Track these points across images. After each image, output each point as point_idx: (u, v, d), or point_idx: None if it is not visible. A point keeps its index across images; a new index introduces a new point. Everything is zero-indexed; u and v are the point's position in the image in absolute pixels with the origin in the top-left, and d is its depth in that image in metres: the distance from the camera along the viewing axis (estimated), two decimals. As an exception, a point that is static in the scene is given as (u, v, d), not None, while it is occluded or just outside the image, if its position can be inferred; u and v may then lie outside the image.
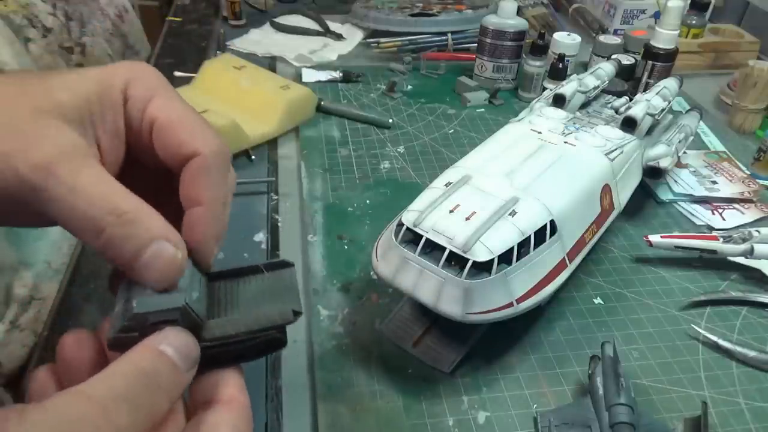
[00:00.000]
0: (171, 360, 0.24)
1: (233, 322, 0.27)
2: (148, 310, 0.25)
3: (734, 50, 1.09)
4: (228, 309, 0.28)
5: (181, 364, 0.24)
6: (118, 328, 0.25)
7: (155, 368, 0.23)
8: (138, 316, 0.25)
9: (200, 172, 0.26)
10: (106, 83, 0.26)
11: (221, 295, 0.29)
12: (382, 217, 0.68)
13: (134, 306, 0.25)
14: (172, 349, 0.24)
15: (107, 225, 0.23)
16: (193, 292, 0.26)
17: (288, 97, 0.81)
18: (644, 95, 0.68)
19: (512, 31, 0.95)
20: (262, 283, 0.30)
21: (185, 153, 0.26)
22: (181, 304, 0.25)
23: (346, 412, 0.48)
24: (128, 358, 0.24)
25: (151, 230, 0.24)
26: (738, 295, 0.60)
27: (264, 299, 0.29)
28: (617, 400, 0.45)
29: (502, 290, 0.46)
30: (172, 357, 0.24)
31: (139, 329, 0.25)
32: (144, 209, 0.25)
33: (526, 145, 0.58)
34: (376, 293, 0.58)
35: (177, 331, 0.25)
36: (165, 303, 0.25)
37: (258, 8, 1.25)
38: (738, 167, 0.80)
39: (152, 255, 0.24)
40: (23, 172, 0.23)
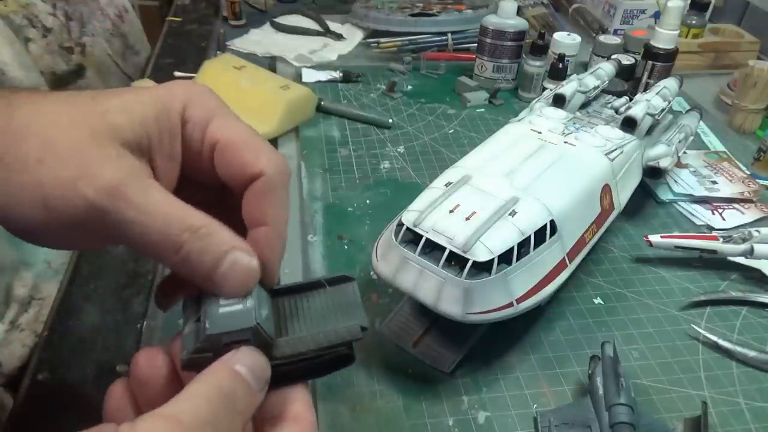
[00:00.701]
0: (246, 380, 0.24)
1: (303, 340, 0.27)
2: (222, 330, 0.25)
3: (734, 50, 1.09)
4: (294, 326, 0.28)
5: (254, 384, 0.25)
6: (192, 349, 0.25)
7: (233, 389, 0.24)
8: (212, 337, 0.25)
9: (265, 193, 0.27)
10: (164, 106, 0.26)
11: (286, 312, 0.29)
12: (382, 217, 0.68)
13: (207, 327, 0.25)
14: (246, 369, 0.24)
15: (184, 241, 0.24)
16: (262, 311, 0.26)
17: (288, 97, 0.81)
18: (644, 95, 0.68)
19: (512, 31, 0.95)
20: (324, 298, 0.30)
21: (250, 173, 0.27)
22: (252, 324, 0.25)
23: (346, 412, 0.48)
24: (207, 379, 0.24)
25: (226, 242, 0.25)
26: (738, 295, 0.60)
27: (329, 315, 0.29)
28: (617, 400, 0.45)
29: (502, 290, 0.46)
30: (246, 377, 0.24)
31: (212, 350, 0.25)
32: (215, 223, 0.25)
33: (526, 145, 0.58)
34: (376, 293, 0.58)
35: (250, 350, 0.25)
36: (237, 323, 0.25)
37: (258, 8, 1.25)
38: (738, 167, 0.80)
39: (230, 264, 0.25)
40: (91, 196, 0.23)
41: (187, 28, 1.16)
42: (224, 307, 0.25)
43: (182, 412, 0.22)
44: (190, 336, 0.26)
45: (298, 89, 0.84)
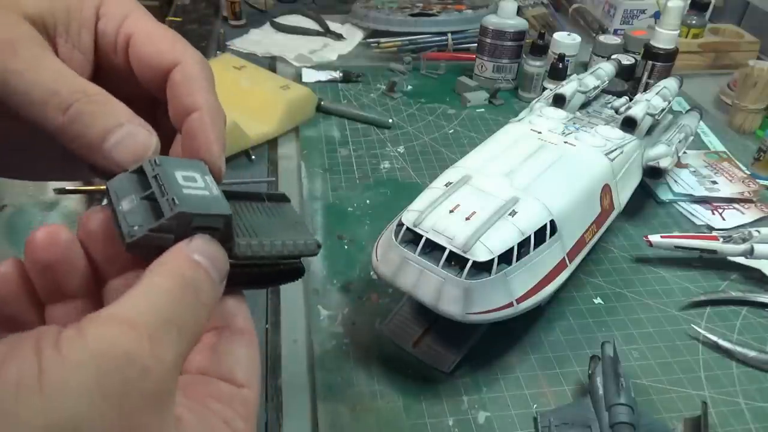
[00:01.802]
0: (207, 271, 0.22)
1: (262, 245, 0.25)
2: (195, 211, 0.22)
3: (734, 50, 1.09)
4: (248, 230, 0.26)
5: (215, 276, 0.22)
6: (154, 226, 0.21)
7: (196, 279, 0.21)
8: (183, 215, 0.21)
9: (188, 79, 0.25)
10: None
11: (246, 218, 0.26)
12: (382, 217, 0.68)
13: (177, 204, 0.21)
14: (206, 260, 0.22)
15: (75, 101, 0.22)
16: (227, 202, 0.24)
17: (288, 97, 0.81)
18: (644, 95, 0.68)
19: (512, 31, 0.95)
20: (267, 211, 0.28)
21: (167, 63, 0.25)
22: (228, 211, 0.23)
23: (346, 412, 0.48)
24: (167, 269, 0.21)
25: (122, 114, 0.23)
26: (738, 295, 0.60)
27: (278, 227, 0.27)
28: (617, 400, 0.45)
29: (502, 290, 0.46)
30: (207, 268, 0.22)
31: (176, 231, 0.22)
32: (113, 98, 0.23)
33: (526, 145, 0.58)
34: (376, 293, 0.58)
35: (210, 240, 0.22)
36: (212, 208, 0.22)
37: (258, 8, 1.25)
38: (738, 167, 0.80)
39: (125, 135, 0.23)
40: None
41: (187, 28, 1.16)
42: (188, 189, 0.22)
43: (141, 313, 0.19)
44: (137, 213, 0.22)
45: (298, 89, 0.84)
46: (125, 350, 0.18)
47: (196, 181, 0.23)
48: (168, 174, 0.22)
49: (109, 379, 0.17)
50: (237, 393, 0.23)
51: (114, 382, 0.17)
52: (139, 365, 0.18)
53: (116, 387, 0.17)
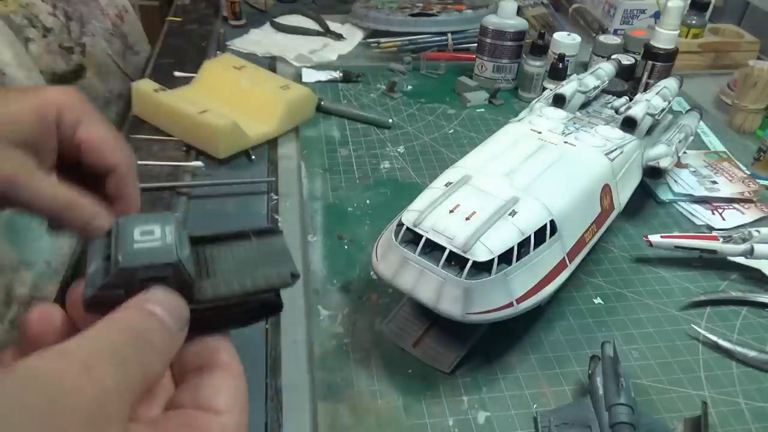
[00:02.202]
0: (162, 320, 0.22)
1: (227, 283, 0.25)
2: (137, 264, 0.22)
3: (734, 50, 1.09)
4: (217, 270, 0.26)
5: (171, 324, 0.23)
6: (100, 285, 0.22)
7: (145, 326, 0.22)
8: (125, 271, 0.22)
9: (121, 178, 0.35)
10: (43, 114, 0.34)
11: (208, 258, 0.26)
12: (382, 217, 0.68)
13: (120, 260, 0.22)
14: (161, 309, 0.23)
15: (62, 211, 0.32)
16: (183, 249, 0.24)
17: (288, 97, 0.81)
18: (644, 95, 0.68)
19: (512, 31, 0.95)
20: (250, 248, 0.28)
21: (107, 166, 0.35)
22: (173, 259, 0.23)
23: (346, 412, 0.48)
24: (113, 317, 0.22)
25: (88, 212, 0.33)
26: (738, 295, 0.60)
27: (256, 263, 0.27)
28: (617, 400, 0.45)
29: (502, 290, 0.46)
30: (161, 316, 0.22)
31: (124, 286, 0.22)
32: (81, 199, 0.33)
33: (526, 145, 0.58)
34: (376, 293, 0.58)
35: (164, 290, 0.23)
36: (156, 258, 0.23)
37: (258, 8, 1.25)
38: (738, 167, 0.80)
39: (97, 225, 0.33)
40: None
41: (187, 28, 1.16)
42: (140, 243, 0.23)
43: (73, 346, 0.20)
44: (97, 274, 0.23)
45: (298, 89, 0.84)
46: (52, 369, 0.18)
47: (153, 234, 0.24)
48: (126, 232, 0.24)
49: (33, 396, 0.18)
50: (214, 419, 0.23)
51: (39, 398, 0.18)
52: (68, 383, 0.18)
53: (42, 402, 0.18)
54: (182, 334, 0.24)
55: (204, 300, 0.25)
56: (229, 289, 0.25)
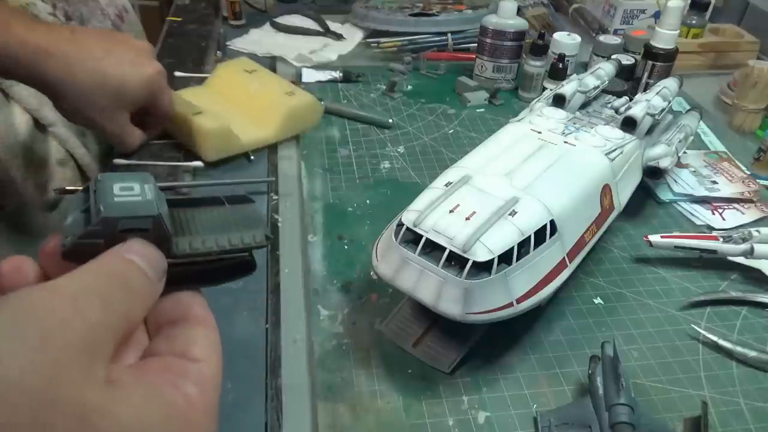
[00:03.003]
0: (141, 268, 0.23)
1: (203, 240, 0.26)
2: (120, 215, 0.23)
3: (734, 50, 1.09)
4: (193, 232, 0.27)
5: (150, 273, 0.23)
6: (81, 232, 0.23)
7: (126, 272, 0.22)
8: (108, 220, 0.23)
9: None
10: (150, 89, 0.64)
11: (184, 220, 0.27)
12: (382, 217, 0.68)
13: (102, 209, 0.23)
14: (140, 259, 0.23)
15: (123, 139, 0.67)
16: (162, 206, 0.25)
17: (290, 104, 0.79)
18: (644, 95, 0.68)
19: (512, 31, 0.95)
20: (225, 213, 0.29)
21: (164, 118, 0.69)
22: (154, 212, 0.24)
23: (346, 412, 0.48)
24: (95, 262, 0.22)
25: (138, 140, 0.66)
26: (738, 295, 0.60)
27: (231, 226, 0.28)
28: (617, 400, 0.45)
29: (502, 290, 0.46)
30: (141, 266, 0.23)
31: (104, 236, 0.23)
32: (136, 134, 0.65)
33: (526, 145, 0.58)
34: (376, 293, 0.58)
35: (142, 242, 0.24)
36: (137, 210, 0.24)
37: (258, 8, 1.24)
38: (738, 167, 0.80)
39: None
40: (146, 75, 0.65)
41: (187, 28, 1.16)
42: (120, 198, 0.24)
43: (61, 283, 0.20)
44: (76, 224, 0.24)
45: (303, 96, 0.81)
46: (41, 303, 0.19)
47: (132, 190, 0.24)
48: (105, 187, 0.24)
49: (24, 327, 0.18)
50: (191, 366, 0.23)
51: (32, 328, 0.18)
52: (57, 316, 0.19)
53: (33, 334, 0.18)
54: (160, 285, 0.24)
55: (181, 255, 0.25)
56: (205, 246, 0.26)
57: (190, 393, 0.22)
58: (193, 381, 0.23)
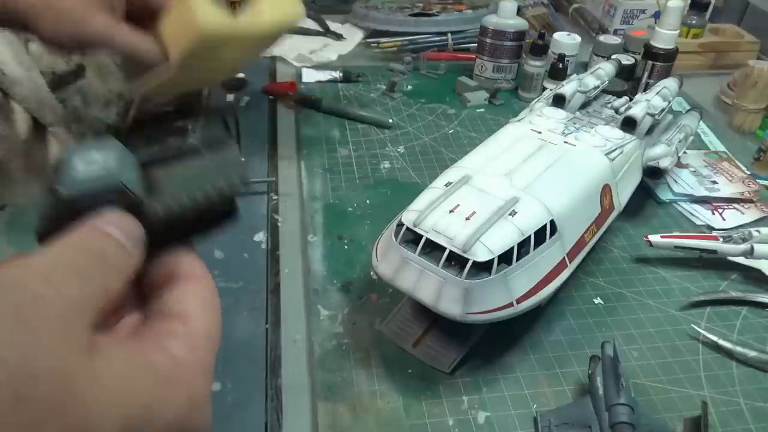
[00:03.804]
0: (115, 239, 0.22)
1: (178, 201, 0.25)
2: (79, 193, 0.22)
3: (734, 50, 1.09)
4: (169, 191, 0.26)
5: (126, 242, 0.23)
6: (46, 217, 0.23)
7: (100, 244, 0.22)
8: (67, 201, 0.22)
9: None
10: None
11: (160, 179, 0.26)
12: (382, 217, 0.68)
13: (59, 190, 0.22)
14: (113, 228, 0.23)
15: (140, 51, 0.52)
16: (127, 172, 0.24)
17: None
18: (644, 95, 0.68)
19: (512, 31, 0.95)
20: (203, 162, 0.27)
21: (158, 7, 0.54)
22: (116, 183, 0.23)
23: (346, 412, 0.48)
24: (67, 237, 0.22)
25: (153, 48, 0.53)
26: (738, 295, 0.60)
27: (208, 176, 0.27)
28: (617, 400, 0.45)
29: (502, 290, 0.46)
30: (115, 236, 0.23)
31: (71, 216, 0.22)
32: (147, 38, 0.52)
33: (526, 145, 0.58)
34: (376, 293, 0.58)
35: (116, 212, 0.23)
36: (97, 184, 0.23)
37: (258, 8, 1.24)
38: (738, 167, 0.80)
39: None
40: None
41: (187, 28, 1.16)
42: (82, 172, 0.23)
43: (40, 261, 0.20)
44: (44, 207, 0.23)
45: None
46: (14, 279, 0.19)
47: (95, 162, 0.24)
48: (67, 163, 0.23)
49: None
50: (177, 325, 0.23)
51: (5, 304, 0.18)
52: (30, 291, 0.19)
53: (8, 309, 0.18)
54: (138, 252, 0.24)
55: (156, 219, 0.25)
56: (180, 206, 0.25)
57: (177, 353, 0.22)
58: (180, 340, 0.22)
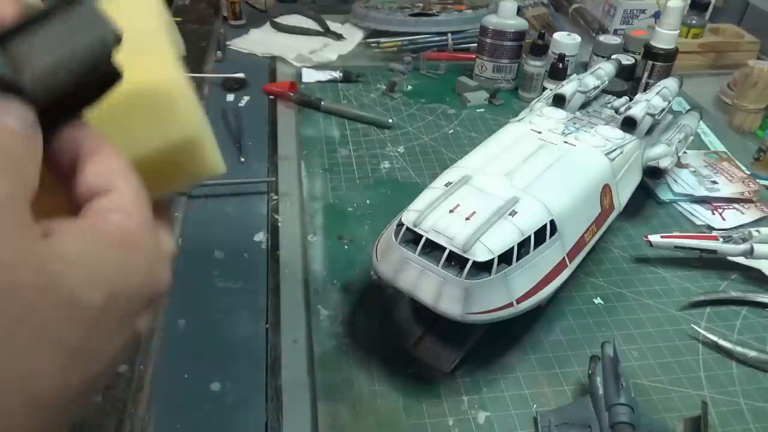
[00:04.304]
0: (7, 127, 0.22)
1: (52, 72, 0.23)
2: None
3: (734, 50, 1.09)
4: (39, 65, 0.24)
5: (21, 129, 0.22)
6: None
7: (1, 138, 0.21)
8: None
9: None
10: None
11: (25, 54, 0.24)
12: (382, 217, 0.68)
13: None
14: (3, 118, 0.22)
15: None
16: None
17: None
18: (644, 95, 0.68)
19: (512, 31, 0.95)
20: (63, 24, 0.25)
21: None
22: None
23: (346, 412, 0.48)
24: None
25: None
26: (738, 295, 0.60)
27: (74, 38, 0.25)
28: (617, 400, 0.45)
29: (502, 290, 0.46)
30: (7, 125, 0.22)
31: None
32: None
33: (526, 145, 0.58)
34: (376, 293, 0.58)
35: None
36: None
37: (258, 8, 1.25)
38: (738, 167, 0.80)
39: None
40: None
41: (187, 28, 1.16)
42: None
43: None
44: None
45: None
46: None
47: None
48: None
49: None
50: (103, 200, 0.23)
51: None
52: None
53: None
54: (36, 133, 0.23)
55: (37, 97, 0.23)
56: (57, 78, 0.24)
57: (117, 220, 0.22)
58: (115, 210, 0.23)
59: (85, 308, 0.20)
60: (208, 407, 0.48)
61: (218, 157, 0.29)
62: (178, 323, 0.54)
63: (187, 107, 0.28)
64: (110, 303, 0.21)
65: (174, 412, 0.47)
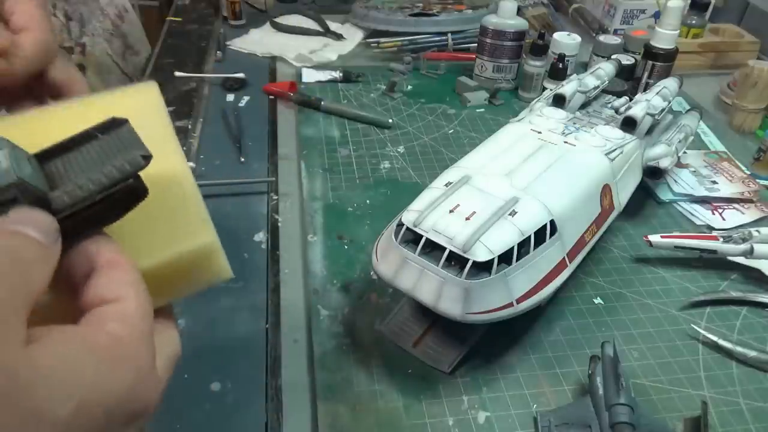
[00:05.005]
0: (28, 235, 0.22)
1: (81, 186, 0.25)
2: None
3: (734, 50, 1.09)
4: (71, 179, 0.26)
5: (39, 237, 0.23)
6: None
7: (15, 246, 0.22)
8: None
9: None
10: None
11: (59, 170, 0.26)
12: (382, 217, 0.68)
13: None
14: (24, 226, 0.22)
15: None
16: (23, 168, 0.24)
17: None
18: (644, 95, 0.68)
19: (512, 31, 0.95)
20: (99, 146, 0.27)
21: None
22: (13, 179, 0.23)
23: (346, 412, 0.48)
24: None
25: None
26: (738, 295, 0.60)
27: (107, 158, 0.26)
28: (617, 400, 0.45)
29: (502, 290, 0.46)
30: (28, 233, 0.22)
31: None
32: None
33: (526, 145, 0.58)
34: (376, 293, 0.58)
35: (25, 209, 0.23)
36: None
37: (258, 8, 1.25)
38: (738, 167, 0.80)
39: None
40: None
41: (187, 28, 1.16)
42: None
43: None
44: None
45: None
46: None
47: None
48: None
49: None
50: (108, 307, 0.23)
51: None
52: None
53: None
54: (56, 245, 0.24)
55: (63, 208, 0.24)
56: (84, 192, 0.25)
57: (113, 330, 0.22)
58: (115, 320, 0.23)
59: (48, 421, 0.19)
60: (208, 407, 0.48)
61: (226, 264, 0.31)
62: (178, 323, 0.54)
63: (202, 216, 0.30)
64: (81, 413, 0.20)
65: (174, 412, 0.47)
